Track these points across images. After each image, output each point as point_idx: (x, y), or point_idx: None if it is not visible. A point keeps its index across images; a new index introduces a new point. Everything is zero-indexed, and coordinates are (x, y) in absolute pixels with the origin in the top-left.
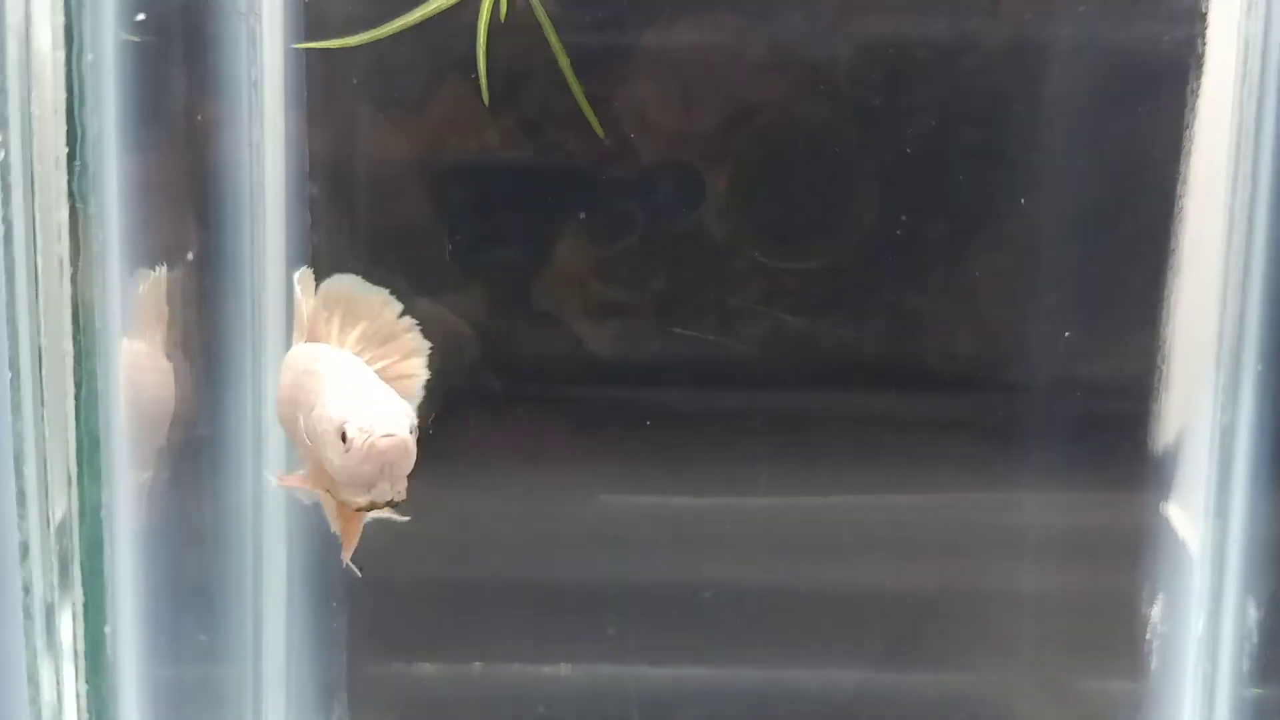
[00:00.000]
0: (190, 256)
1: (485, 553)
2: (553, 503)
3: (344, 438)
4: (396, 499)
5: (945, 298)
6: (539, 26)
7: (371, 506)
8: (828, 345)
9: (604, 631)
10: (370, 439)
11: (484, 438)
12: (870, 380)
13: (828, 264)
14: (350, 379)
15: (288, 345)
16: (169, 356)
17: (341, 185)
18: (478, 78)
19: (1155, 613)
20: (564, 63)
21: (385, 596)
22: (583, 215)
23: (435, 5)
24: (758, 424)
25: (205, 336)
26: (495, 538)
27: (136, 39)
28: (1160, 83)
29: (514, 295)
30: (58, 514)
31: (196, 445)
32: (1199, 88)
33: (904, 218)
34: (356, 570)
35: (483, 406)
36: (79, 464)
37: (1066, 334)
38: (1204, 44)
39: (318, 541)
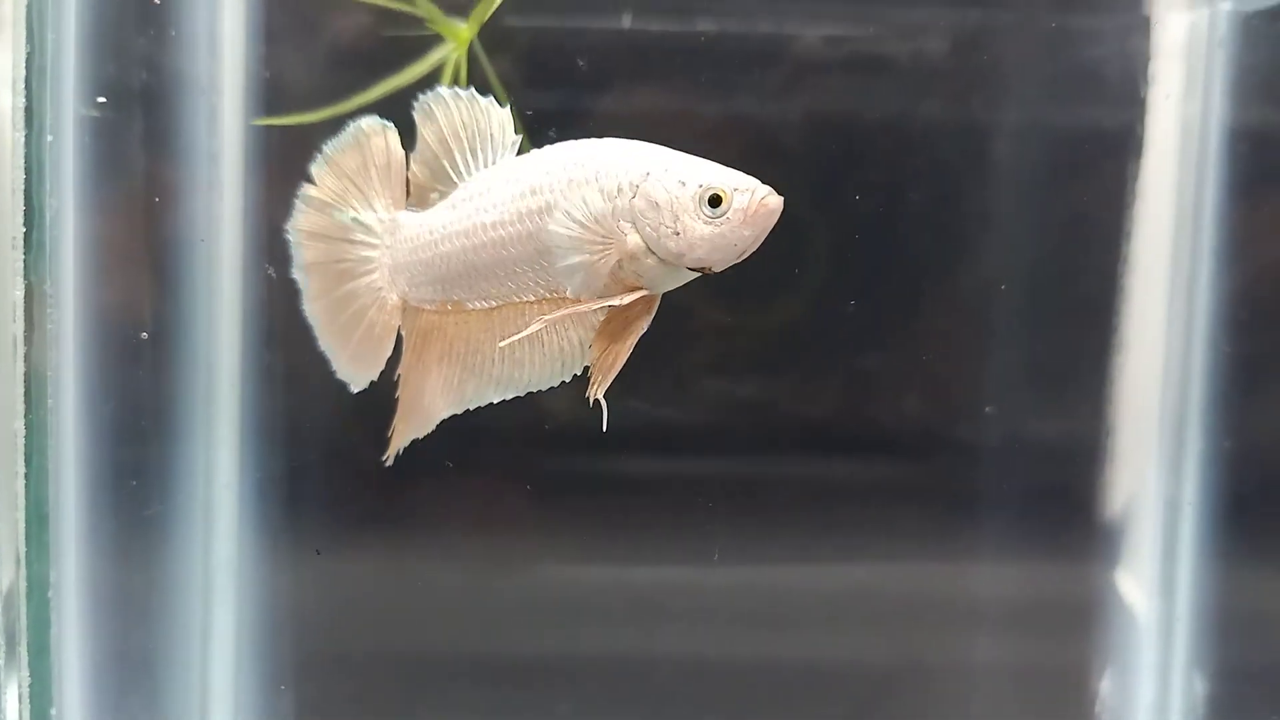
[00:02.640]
0: (145, 336)
1: (437, 625)
2: (505, 572)
3: (713, 202)
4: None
5: (897, 371)
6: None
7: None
8: (778, 413)
9: (557, 707)
10: (760, 197)
11: (436, 506)
12: (822, 450)
13: (784, 327)
14: (645, 147)
15: (244, 402)
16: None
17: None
18: None
19: (1105, 685)
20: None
21: (335, 673)
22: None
23: (395, 81)
24: (707, 492)
25: (158, 411)
26: (447, 609)
27: (96, 114)
28: (1103, 164)
29: None
30: (4, 591)
31: (146, 522)
32: (1139, 169)
33: (852, 298)
34: (605, 405)
35: (433, 474)
36: (27, 542)
37: (987, 409)
38: (1144, 128)
39: (268, 620)
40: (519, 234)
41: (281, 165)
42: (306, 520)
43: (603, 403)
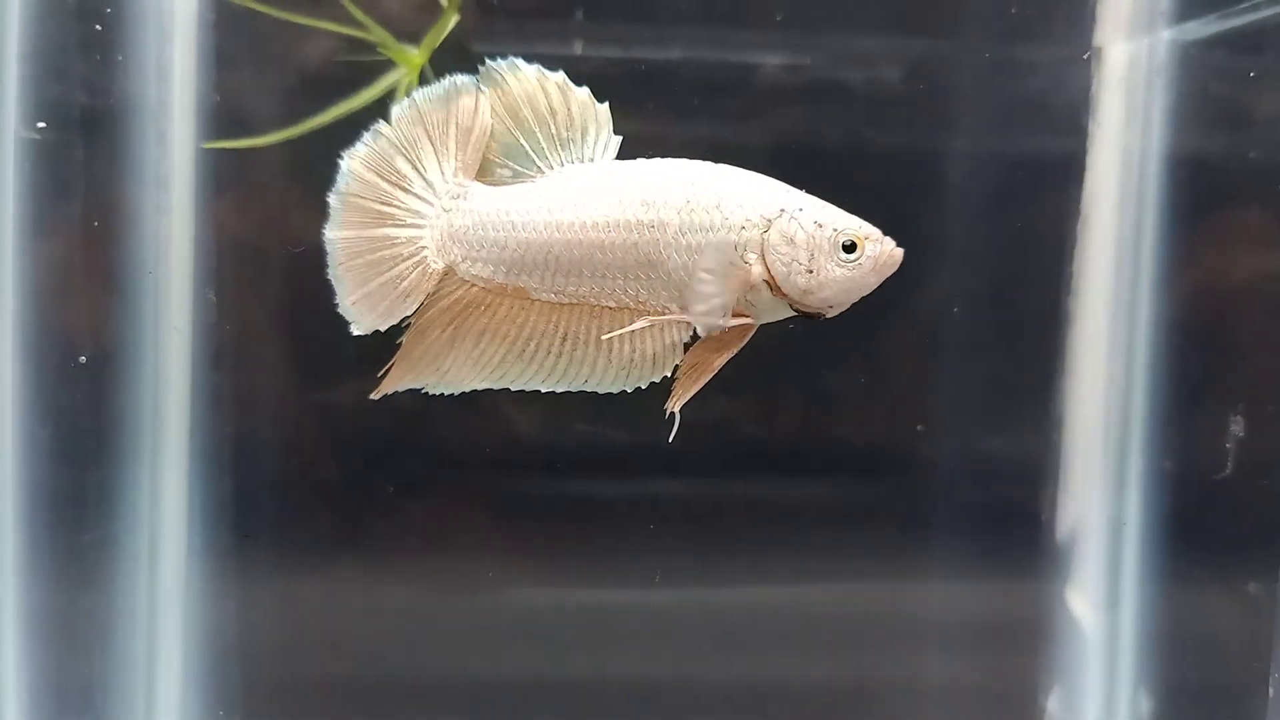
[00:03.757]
0: (83, 360)
1: (389, 649)
2: (458, 596)
3: (848, 248)
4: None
5: (849, 391)
6: None
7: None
8: (732, 434)
9: None
10: (888, 249)
11: (387, 528)
12: (774, 471)
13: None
14: (766, 180)
15: (193, 425)
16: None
17: (252, 279)
18: None
19: (1052, 703)
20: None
21: (285, 700)
22: None
23: (347, 105)
24: (658, 514)
25: (102, 434)
26: (399, 633)
27: (38, 137)
28: (1048, 190)
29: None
30: None
31: (87, 547)
32: (1082, 195)
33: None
34: (677, 415)
35: (383, 497)
36: None
37: (919, 428)
38: (1087, 154)
39: (216, 647)
40: (622, 242)
41: (232, 189)
42: (256, 544)
43: (677, 415)
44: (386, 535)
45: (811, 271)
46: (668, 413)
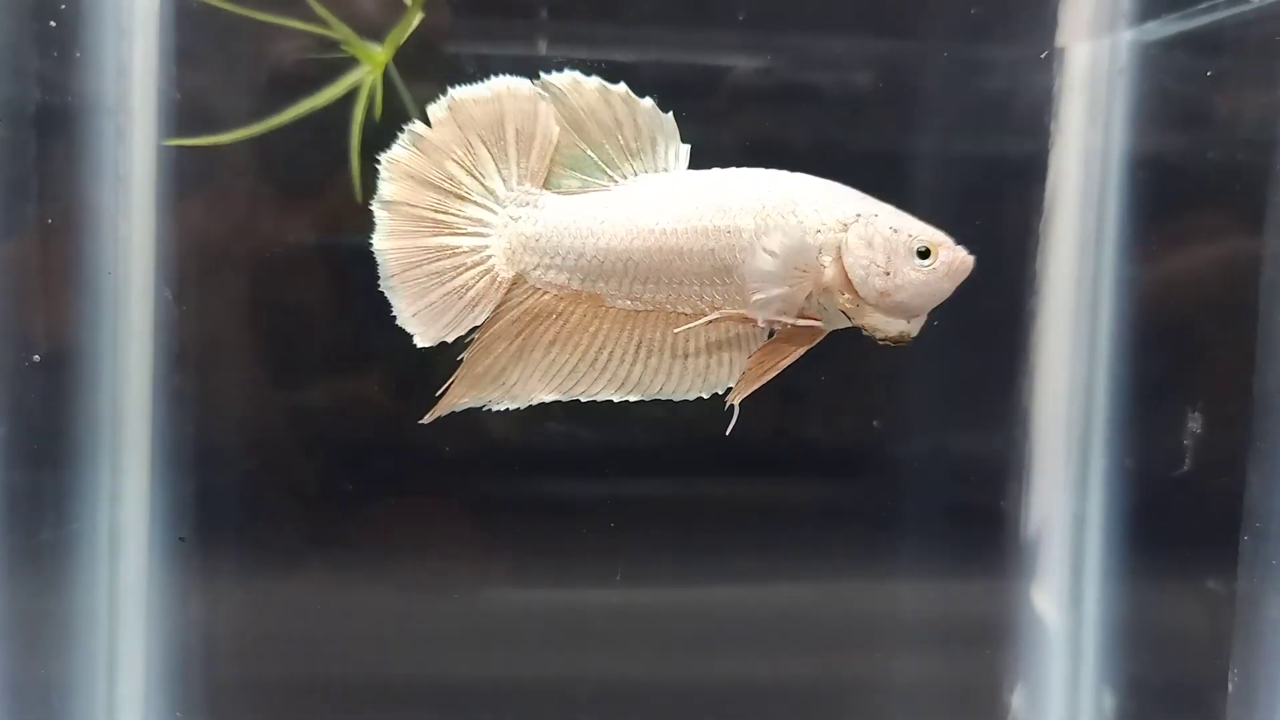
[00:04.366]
0: (37, 358)
1: (354, 650)
2: (424, 596)
3: (923, 253)
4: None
5: (815, 392)
6: None
7: (900, 339)
8: (702, 435)
9: None
10: (960, 255)
11: (350, 528)
12: (743, 471)
13: None
14: (836, 185)
15: (154, 425)
16: None
17: (214, 278)
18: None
19: (1016, 699)
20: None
21: (250, 702)
22: None
23: (310, 103)
24: (626, 514)
25: (60, 435)
26: (363, 633)
27: None
28: (1012, 190)
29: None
30: None
31: (44, 548)
32: (1045, 195)
33: None
34: (736, 408)
35: (344, 497)
36: None
37: (875, 423)
38: (1049, 155)
39: (177, 648)
40: (700, 248)
41: (193, 187)
42: (218, 544)
43: (736, 408)
44: (351, 535)
45: (889, 274)
46: (727, 405)
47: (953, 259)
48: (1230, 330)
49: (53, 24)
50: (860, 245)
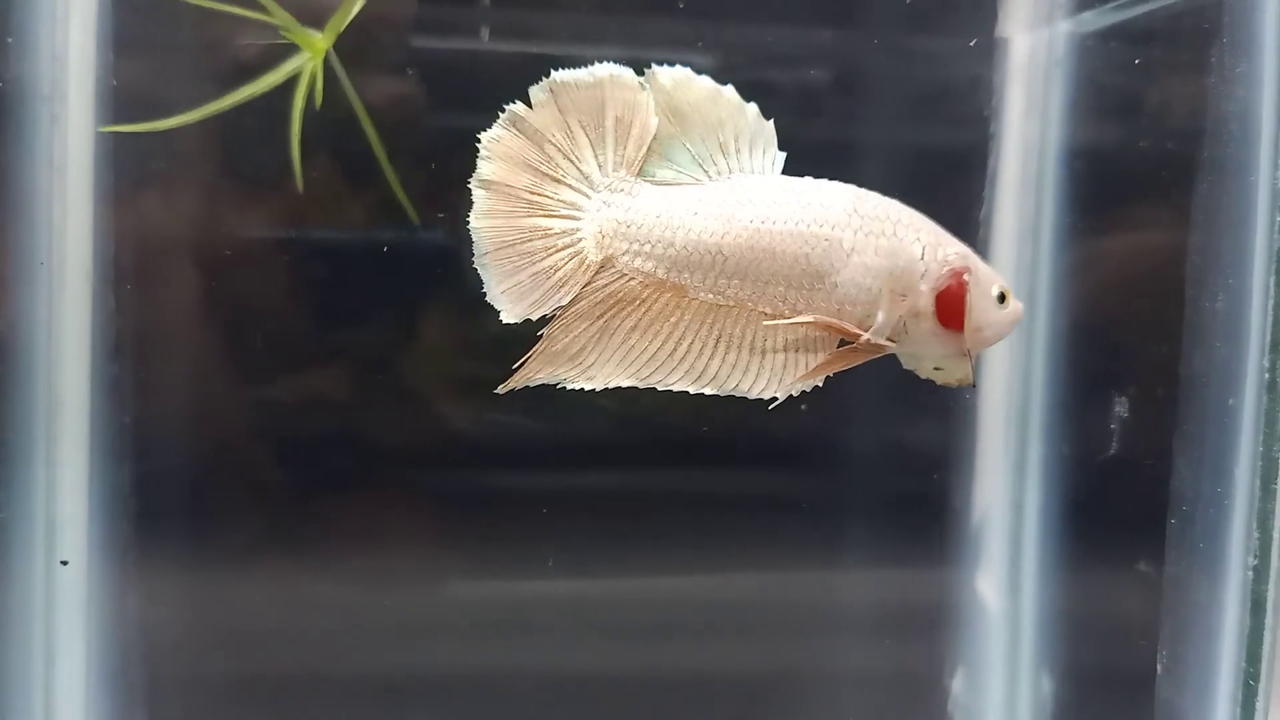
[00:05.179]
0: None
1: (296, 644)
2: (367, 588)
3: (1000, 298)
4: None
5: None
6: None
7: (962, 381)
8: (650, 426)
9: None
10: (1021, 307)
11: (290, 520)
12: (690, 462)
13: None
14: (924, 218)
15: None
16: None
17: (152, 267)
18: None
19: (956, 684)
20: (380, 152)
21: (191, 696)
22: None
23: (249, 90)
24: (567, 504)
25: None
26: (305, 627)
27: None
28: (953, 180)
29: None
30: None
31: None
32: (985, 185)
33: None
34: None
35: (285, 489)
36: None
37: (803, 407)
38: (989, 145)
39: (117, 643)
40: (795, 251)
41: (131, 174)
42: (158, 537)
43: (779, 399)
44: (294, 528)
45: (984, 312)
46: (783, 393)
47: (1018, 307)
48: (1159, 316)
49: None
50: (974, 283)
